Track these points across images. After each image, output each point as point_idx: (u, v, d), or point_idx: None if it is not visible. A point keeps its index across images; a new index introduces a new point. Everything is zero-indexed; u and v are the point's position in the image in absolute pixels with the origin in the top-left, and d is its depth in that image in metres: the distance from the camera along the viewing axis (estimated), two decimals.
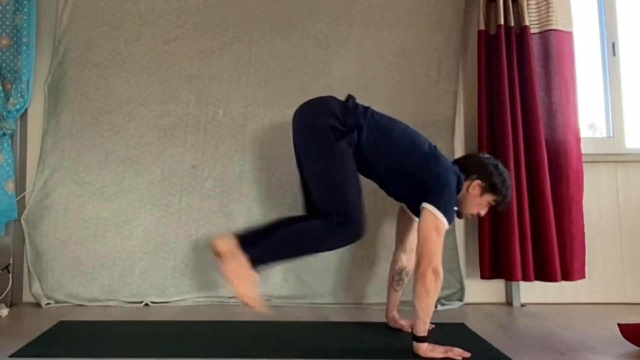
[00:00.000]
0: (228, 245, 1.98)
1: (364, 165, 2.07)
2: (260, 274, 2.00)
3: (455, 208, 2.04)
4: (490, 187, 2.10)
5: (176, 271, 2.78)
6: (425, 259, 1.90)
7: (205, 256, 2.75)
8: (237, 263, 1.94)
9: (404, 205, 2.25)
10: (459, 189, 2.05)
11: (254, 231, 2.09)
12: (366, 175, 2.14)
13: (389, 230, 2.69)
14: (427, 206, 1.95)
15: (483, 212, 2.17)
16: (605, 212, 2.94)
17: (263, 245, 2.01)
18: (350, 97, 2.14)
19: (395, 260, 2.32)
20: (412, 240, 2.25)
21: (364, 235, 2.01)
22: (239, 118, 2.87)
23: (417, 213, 2.03)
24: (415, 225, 2.13)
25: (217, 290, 2.77)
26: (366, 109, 2.11)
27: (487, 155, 2.25)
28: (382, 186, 2.18)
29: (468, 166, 2.13)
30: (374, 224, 2.72)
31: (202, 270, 2.77)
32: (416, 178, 2.02)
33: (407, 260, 2.28)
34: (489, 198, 2.13)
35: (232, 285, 1.93)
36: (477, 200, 2.12)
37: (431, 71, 2.91)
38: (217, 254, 1.99)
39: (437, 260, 1.91)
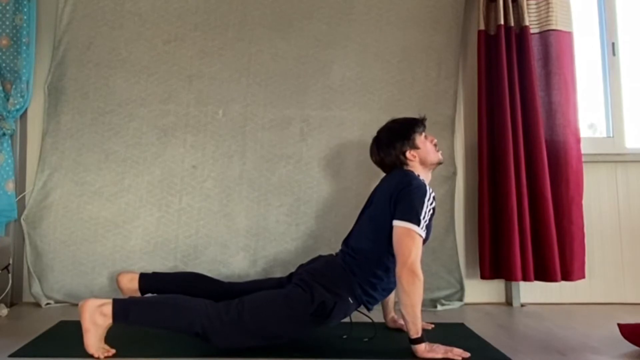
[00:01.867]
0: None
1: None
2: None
3: (432, 205, 2.04)
4: (408, 140, 2.17)
5: (176, 271, 2.75)
6: (400, 262, 1.91)
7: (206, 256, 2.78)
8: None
9: None
10: (413, 176, 2.09)
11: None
12: None
13: None
14: (395, 224, 1.97)
15: (433, 141, 2.24)
16: (605, 212, 2.95)
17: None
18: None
19: None
20: None
21: None
22: (239, 118, 2.87)
23: None
24: None
25: None
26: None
27: (374, 141, 2.29)
28: None
29: (392, 160, 2.20)
30: None
31: (203, 270, 2.77)
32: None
33: None
34: (419, 140, 2.19)
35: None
36: (422, 151, 2.18)
37: (431, 71, 2.92)
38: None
39: (412, 260, 1.89)
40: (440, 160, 2.23)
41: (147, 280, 2.27)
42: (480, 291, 2.89)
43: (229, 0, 2.92)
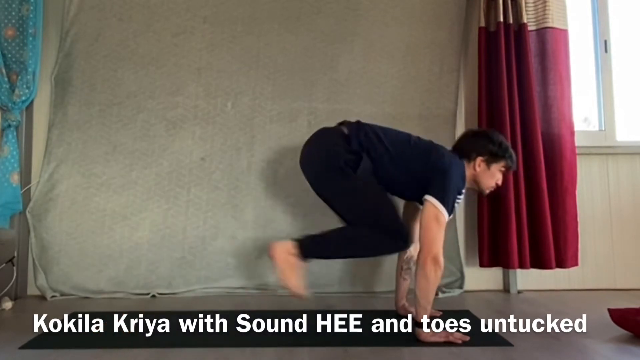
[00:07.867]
0: (284, 248, 2.05)
1: (376, 178, 2.14)
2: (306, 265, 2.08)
3: (459, 199, 2.10)
4: (492, 157, 2.19)
5: (184, 262, 2.79)
6: (425, 248, 1.97)
7: (214, 247, 2.80)
8: (287, 252, 2.03)
9: None
10: (464, 175, 2.12)
11: (311, 235, 2.14)
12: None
13: None
14: (429, 198, 2.01)
15: (499, 181, 2.25)
16: (597, 202, 3.04)
17: (316, 240, 2.10)
18: (346, 124, 2.21)
19: None
20: (418, 229, 2.29)
21: (410, 244, 2.14)
22: (247, 111, 2.89)
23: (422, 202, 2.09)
24: None
25: (224, 281, 2.80)
26: (360, 128, 2.16)
27: (478, 130, 2.34)
28: (389, 190, 2.21)
29: (465, 148, 2.22)
30: None
31: (211, 261, 2.80)
32: (424, 178, 2.08)
33: (415, 249, 2.32)
34: (496, 167, 2.21)
35: (280, 273, 2.03)
36: (487, 173, 2.20)
37: (434, 66, 2.97)
38: (273, 257, 2.06)
39: (437, 249, 1.96)
40: (481, 191, 2.28)
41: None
42: (480, 279, 2.96)
43: None
